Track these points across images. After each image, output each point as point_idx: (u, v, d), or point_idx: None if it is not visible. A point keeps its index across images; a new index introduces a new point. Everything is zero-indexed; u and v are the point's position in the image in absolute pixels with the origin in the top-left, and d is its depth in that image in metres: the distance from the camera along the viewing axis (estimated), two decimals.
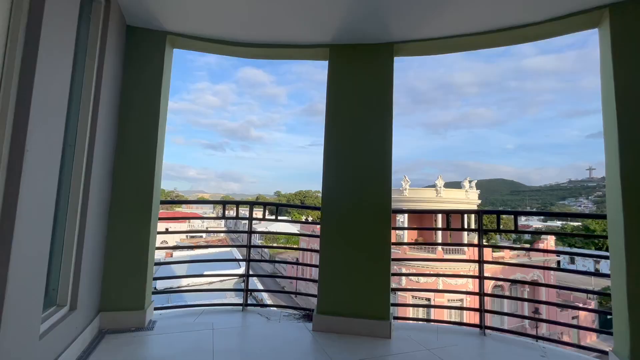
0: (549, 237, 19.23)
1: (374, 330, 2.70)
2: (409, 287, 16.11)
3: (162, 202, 3.23)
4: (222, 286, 7.43)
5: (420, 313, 15.95)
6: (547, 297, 18.44)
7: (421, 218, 22.81)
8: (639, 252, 2.10)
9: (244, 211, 3.66)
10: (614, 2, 2.28)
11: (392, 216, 2.86)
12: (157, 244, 3.11)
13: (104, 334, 2.55)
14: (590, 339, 17.45)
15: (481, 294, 2.95)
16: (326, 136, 3.00)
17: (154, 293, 3.11)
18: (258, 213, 3.87)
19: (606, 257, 2.42)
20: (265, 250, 44.37)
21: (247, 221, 3.52)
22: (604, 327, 2.49)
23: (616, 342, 2.24)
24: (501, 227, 3.11)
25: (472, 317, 2.93)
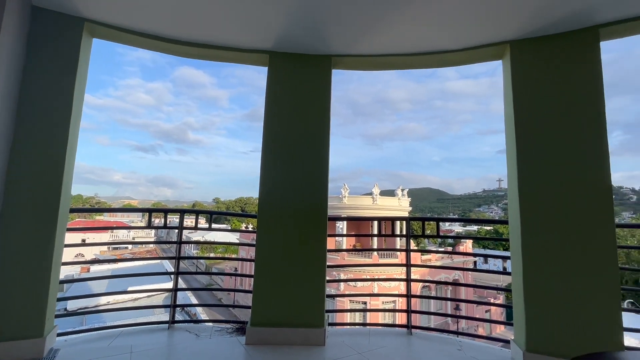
0: (467, 240, 21.61)
1: (309, 338, 2.70)
2: (347, 293, 16.55)
3: (74, 211, 2.83)
4: (150, 303, 6.73)
5: (357, 317, 16.52)
6: (466, 295, 20.59)
7: (359, 225, 23.81)
8: (533, 253, 2.46)
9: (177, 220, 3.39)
10: (513, 39, 2.69)
11: (331, 223, 2.91)
12: (70, 258, 2.71)
13: None
14: (500, 330, 19.87)
15: (408, 295, 3.15)
16: (264, 143, 2.96)
17: (61, 316, 2.69)
18: (194, 221, 3.61)
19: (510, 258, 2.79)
20: (202, 261, 41.66)
21: (187, 231, 3.27)
22: (510, 319, 2.86)
23: (516, 332, 2.58)
24: (428, 232, 3.39)
25: (403, 318, 3.12)
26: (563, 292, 2.36)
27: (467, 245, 21.62)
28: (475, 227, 59.56)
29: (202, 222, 3.88)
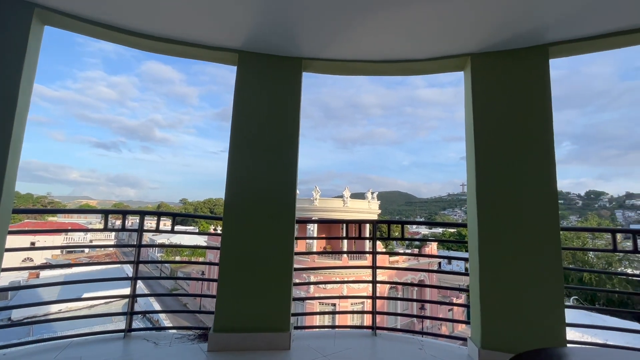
0: (432, 242, 22.43)
1: (274, 343, 2.67)
2: (316, 295, 16.56)
3: (18, 211, 2.60)
4: (109, 310, 6.28)
5: (327, 320, 16.57)
6: (431, 295, 21.36)
7: (330, 227, 23.96)
8: (488, 255, 2.60)
9: (149, 222, 3.22)
10: (474, 52, 2.85)
11: (302, 226, 2.89)
12: (16, 263, 2.49)
13: None
14: (461, 328, 20.79)
15: (373, 297, 3.21)
16: (231, 143, 2.89)
17: (3, 326, 2.43)
18: (162, 223, 3.43)
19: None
20: (168, 265, 39.90)
21: (151, 233, 3.11)
22: (470, 318, 3.00)
23: (472, 330, 2.71)
24: (397, 235, 3.48)
25: (371, 319, 3.17)
26: (514, 291, 2.51)
27: (433, 247, 22.49)
28: (440, 230, 62.08)
29: (168, 224, 3.73)
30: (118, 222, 3.25)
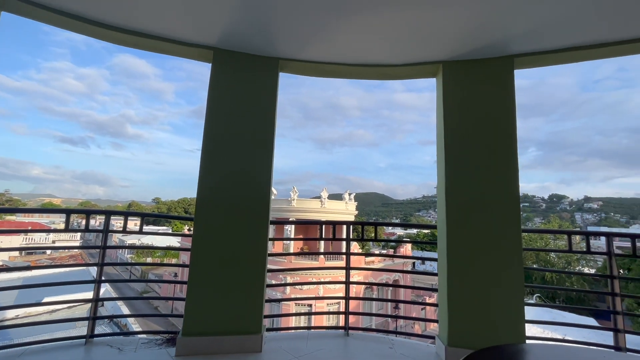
0: (407, 243, 22.99)
1: (245, 346, 2.63)
2: (292, 297, 16.48)
3: None
4: (72, 315, 5.89)
5: (303, 321, 16.53)
6: (405, 294, 21.86)
7: (307, 228, 23.94)
8: (456, 256, 2.70)
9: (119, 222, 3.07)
10: (446, 60, 2.95)
11: (280, 227, 2.87)
12: None
13: None
14: (434, 326, 21.45)
15: (346, 298, 3.25)
16: (204, 142, 2.83)
17: None
18: (133, 223, 3.28)
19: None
20: (139, 267, 38.34)
21: (121, 234, 2.98)
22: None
23: (440, 328, 2.81)
24: (372, 236, 3.54)
25: (345, 319, 3.20)
26: (478, 290, 2.62)
27: (407, 248, 23.03)
28: (415, 231, 63.68)
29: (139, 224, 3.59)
30: (83, 222, 3.10)
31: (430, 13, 2.28)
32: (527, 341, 2.57)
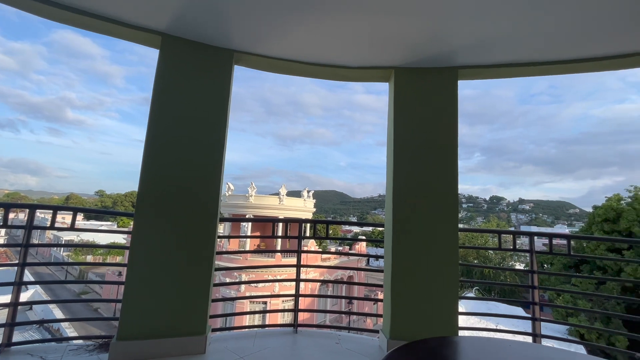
0: (361, 242, 23.70)
1: (187, 348, 2.52)
2: (247, 295, 16.18)
3: None
4: None
5: (257, 319, 16.28)
6: (358, 291, 22.56)
7: (264, 225, 23.60)
8: (400, 254, 2.84)
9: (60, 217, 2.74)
10: (397, 66, 3.08)
11: (236, 224, 2.78)
12: None
13: None
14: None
15: (296, 295, 3.26)
16: (148, 132, 2.65)
17: None
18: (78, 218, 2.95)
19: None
20: (77, 266, 34.96)
21: (53, 231, 2.66)
22: None
23: (384, 322, 2.94)
24: (329, 234, 3.59)
25: (303, 315, 3.20)
26: (418, 286, 2.79)
27: (362, 245, 23.75)
28: (370, 228, 65.89)
29: (79, 219, 3.25)
30: (21, 216, 2.74)
31: (383, 20, 2.36)
32: (460, 332, 2.80)
